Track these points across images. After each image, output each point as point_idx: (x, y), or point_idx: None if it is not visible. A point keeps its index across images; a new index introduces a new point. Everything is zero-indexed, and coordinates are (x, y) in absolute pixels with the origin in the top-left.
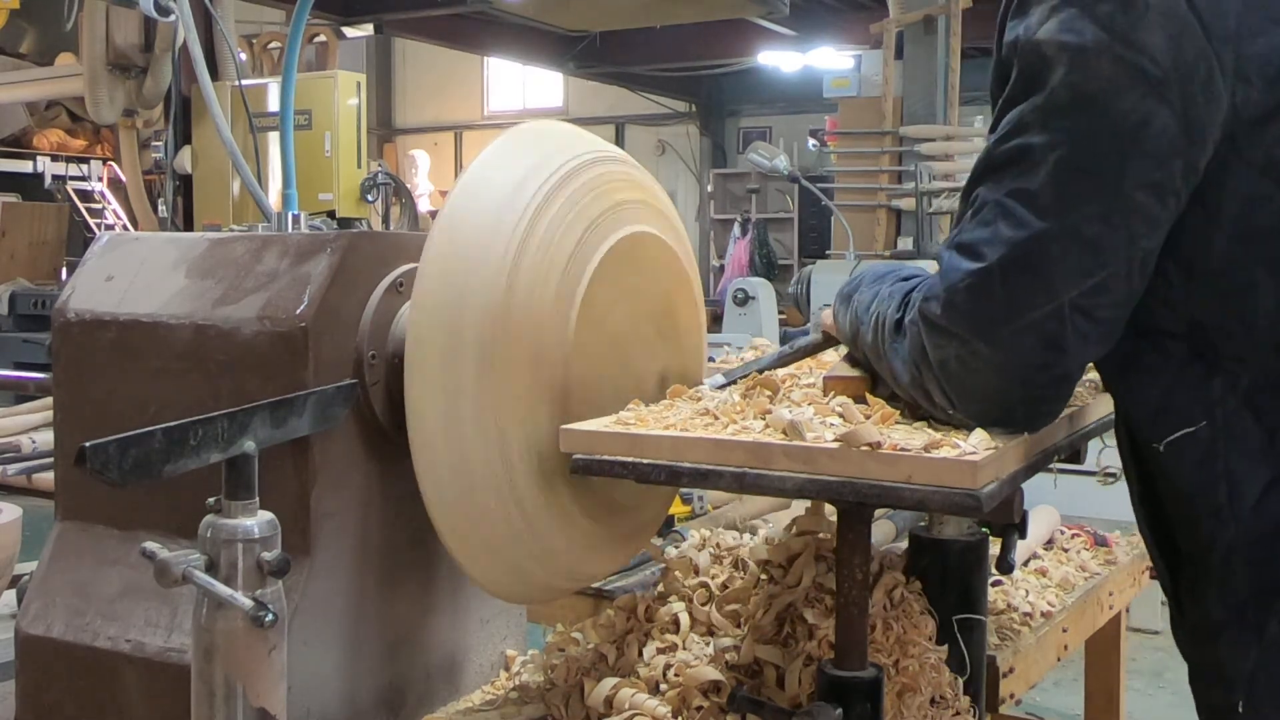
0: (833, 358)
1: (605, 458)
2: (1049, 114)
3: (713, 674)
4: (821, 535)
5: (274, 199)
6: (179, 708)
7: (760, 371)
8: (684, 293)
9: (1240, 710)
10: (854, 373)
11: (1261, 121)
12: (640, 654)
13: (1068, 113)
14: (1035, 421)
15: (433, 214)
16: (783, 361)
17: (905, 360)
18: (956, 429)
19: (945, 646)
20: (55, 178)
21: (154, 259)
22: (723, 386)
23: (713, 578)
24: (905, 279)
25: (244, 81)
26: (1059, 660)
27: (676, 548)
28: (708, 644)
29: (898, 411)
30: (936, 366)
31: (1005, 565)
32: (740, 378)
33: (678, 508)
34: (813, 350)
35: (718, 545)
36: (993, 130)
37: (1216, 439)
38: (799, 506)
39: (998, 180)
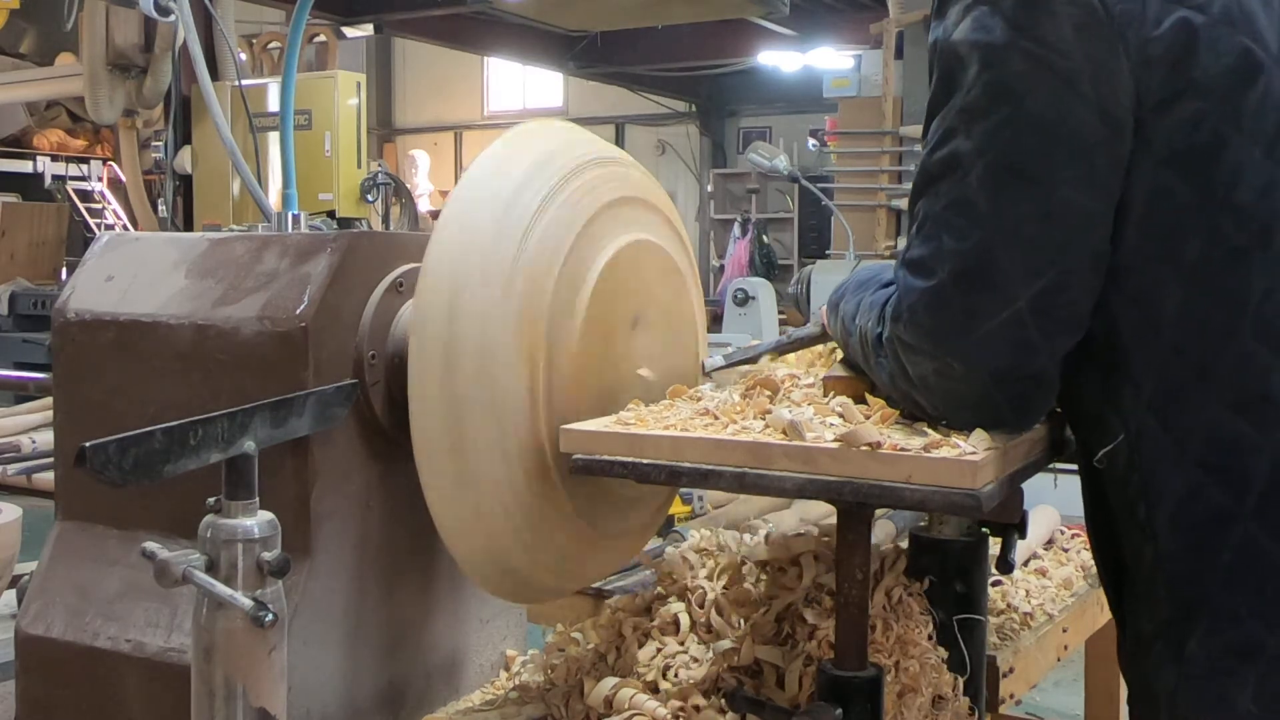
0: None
1: (605, 458)
2: (971, 117)
3: (712, 674)
4: (823, 538)
5: (274, 199)
6: (179, 708)
7: (757, 357)
8: (683, 293)
9: None
10: (853, 373)
11: (1162, 108)
12: (640, 654)
13: (987, 114)
14: (1025, 420)
15: (433, 214)
16: (780, 349)
17: (889, 375)
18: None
19: (945, 647)
20: (55, 178)
21: (154, 259)
22: (721, 368)
23: (711, 578)
24: (885, 286)
25: (244, 81)
26: (1059, 660)
27: (676, 548)
28: (708, 645)
29: (897, 411)
30: (917, 381)
31: (1005, 565)
32: (739, 361)
33: (678, 508)
34: (810, 341)
35: (717, 545)
36: (923, 137)
37: (1131, 452)
38: (799, 506)
39: (934, 192)
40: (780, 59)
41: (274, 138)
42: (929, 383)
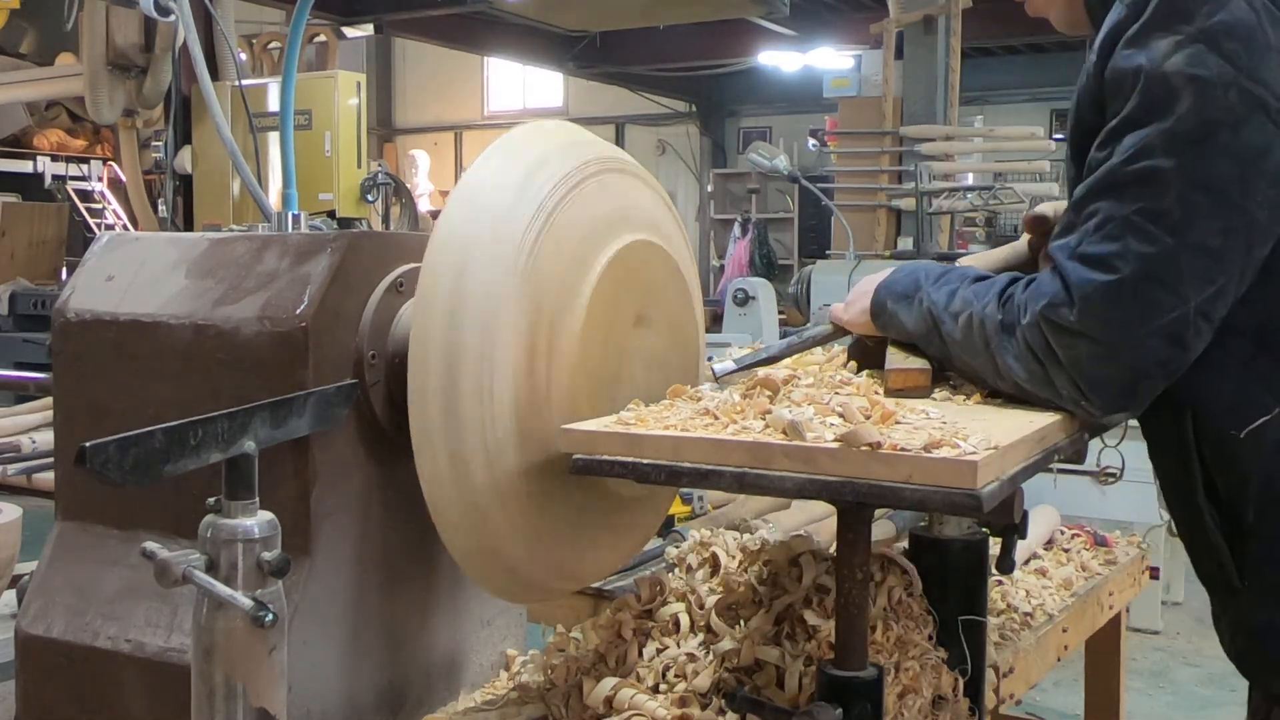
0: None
1: (605, 458)
2: (1175, 139)
3: (712, 675)
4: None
5: (274, 199)
6: (179, 708)
7: (770, 359)
8: (685, 294)
9: None
10: (915, 364)
11: None
12: (640, 654)
13: (1194, 139)
14: (1145, 403)
15: (433, 214)
16: (791, 350)
17: (1021, 358)
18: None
19: (945, 647)
20: (55, 178)
21: (154, 259)
22: (732, 372)
23: (711, 579)
24: (977, 280)
25: (244, 81)
26: (1059, 660)
27: (676, 548)
28: (708, 645)
29: (895, 413)
30: (1069, 365)
31: (1005, 565)
32: (750, 364)
33: (678, 508)
34: (822, 340)
35: (723, 546)
36: (1101, 146)
37: None
38: (799, 506)
39: (1121, 198)
40: (780, 59)
41: (274, 138)
42: (1080, 365)
